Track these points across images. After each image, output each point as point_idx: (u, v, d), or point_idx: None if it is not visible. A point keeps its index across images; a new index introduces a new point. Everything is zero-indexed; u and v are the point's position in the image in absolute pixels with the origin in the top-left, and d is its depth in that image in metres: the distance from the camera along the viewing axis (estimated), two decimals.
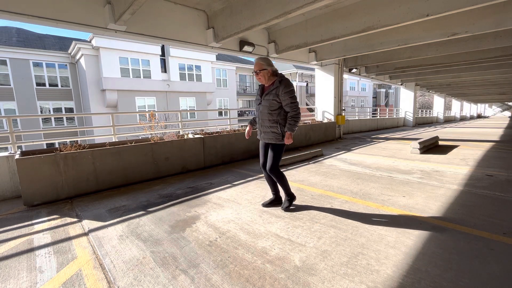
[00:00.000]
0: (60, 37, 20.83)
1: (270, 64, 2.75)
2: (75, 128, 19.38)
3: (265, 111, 2.75)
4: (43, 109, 17.81)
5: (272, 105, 2.70)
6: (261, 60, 2.75)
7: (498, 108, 54.73)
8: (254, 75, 2.80)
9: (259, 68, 2.72)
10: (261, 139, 2.95)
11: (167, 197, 3.60)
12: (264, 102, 2.76)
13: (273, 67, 2.76)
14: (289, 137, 2.69)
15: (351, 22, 5.66)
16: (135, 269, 1.96)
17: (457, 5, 4.39)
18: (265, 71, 2.72)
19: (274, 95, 2.68)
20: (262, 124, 2.82)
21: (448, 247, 2.14)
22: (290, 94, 2.66)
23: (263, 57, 2.77)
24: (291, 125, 2.69)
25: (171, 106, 19.29)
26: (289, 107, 2.69)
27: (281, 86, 2.66)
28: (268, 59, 2.80)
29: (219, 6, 5.48)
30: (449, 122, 24.79)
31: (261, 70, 2.72)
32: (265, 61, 2.74)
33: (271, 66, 2.74)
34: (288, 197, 3.02)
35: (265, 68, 2.72)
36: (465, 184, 3.86)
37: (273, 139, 2.78)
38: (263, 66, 2.72)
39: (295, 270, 1.89)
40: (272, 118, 2.73)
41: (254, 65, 2.76)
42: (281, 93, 2.65)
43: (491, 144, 8.21)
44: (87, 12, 4.40)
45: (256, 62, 2.75)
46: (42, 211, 3.24)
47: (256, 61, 2.76)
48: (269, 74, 2.74)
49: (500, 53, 8.48)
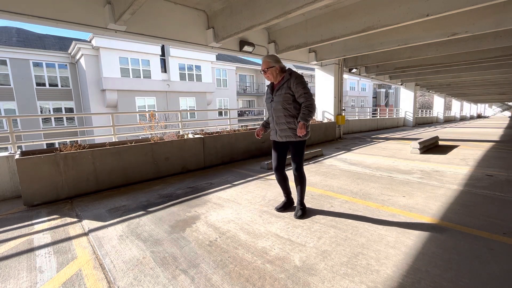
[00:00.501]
0: (60, 37, 20.84)
1: (277, 60, 2.66)
2: (75, 128, 19.38)
3: (279, 106, 2.63)
4: (43, 109, 17.82)
5: (286, 98, 2.59)
6: (268, 58, 2.67)
7: (498, 108, 54.74)
8: (262, 74, 2.71)
9: (267, 66, 2.64)
10: (278, 139, 2.77)
11: (167, 197, 3.60)
12: (277, 98, 2.64)
13: (281, 64, 2.68)
14: (302, 127, 2.47)
15: (351, 22, 5.66)
16: (135, 269, 1.96)
17: (457, 5, 4.39)
18: (272, 68, 2.64)
19: (286, 88, 2.59)
20: (278, 121, 2.69)
21: (448, 247, 2.14)
22: (302, 85, 2.57)
23: (270, 55, 2.69)
24: (305, 114, 2.52)
25: (171, 106, 19.30)
26: (303, 97, 2.57)
27: (292, 78, 2.58)
28: (275, 56, 2.71)
29: (219, 6, 5.48)
30: (449, 122, 24.78)
31: (269, 68, 2.64)
32: (272, 58, 2.65)
33: (278, 63, 2.66)
34: (301, 205, 2.86)
35: (272, 66, 2.63)
36: (465, 184, 3.86)
37: (293, 135, 2.64)
38: (271, 64, 2.64)
39: (295, 270, 1.89)
40: (288, 113, 2.61)
41: (262, 63, 2.68)
42: (292, 84, 2.56)
43: (491, 144, 8.21)
44: (87, 12, 4.40)
45: (264, 60, 2.67)
46: (42, 211, 3.24)
47: (264, 59, 2.68)
48: (278, 71, 2.66)
49: (500, 53, 8.48)
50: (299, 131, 2.47)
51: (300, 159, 2.72)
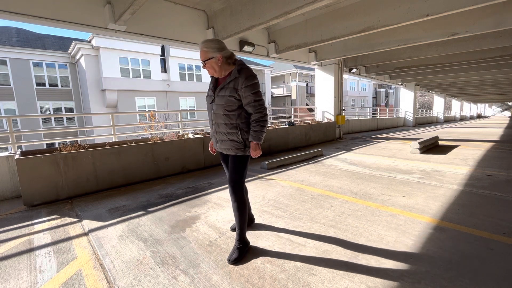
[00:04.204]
0: (60, 37, 20.82)
1: (220, 48, 1.91)
2: (75, 128, 19.36)
3: (219, 111, 1.97)
4: (43, 109, 17.81)
5: (229, 103, 1.93)
6: (206, 44, 1.90)
7: (498, 108, 54.72)
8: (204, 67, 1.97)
9: (205, 58, 1.91)
10: (217, 149, 2.18)
11: (167, 197, 3.60)
12: (218, 100, 1.96)
13: (225, 52, 1.93)
14: (256, 148, 1.98)
15: (351, 22, 5.66)
16: (135, 269, 1.96)
17: (457, 5, 4.39)
18: (212, 60, 1.91)
19: (232, 89, 1.91)
20: (217, 130, 2.05)
21: (448, 247, 2.14)
22: (252, 89, 1.90)
23: (210, 40, 1.93)
24: (257, 132, 1.95)
25: (171, 106, 19.29)
26: (252, 108, 1.94)
27: (240, 78, 1.89)
28: (218, 41, 1.93)
29: (219, 6, 5.48)
30: (449, 122, 24.78)
31: (207, 59, 1.91)
32: (211, 46, 1.90)
33: (221, 51, 1.91)
34: (239, 242, 2.08)
35: (211, 57, 1.90)
36: (465, 184, 3.86)
37: (232, 149, 2.03)
38: (209, 54, 1.90)
39: (295, 270, 1.89)
40: (230, 121, 1.97)
41: (199, 52, 1.95)
42: (240, 87, 1.89)
43: (491, 144, 8.21)
44: (87, 12, 4.40)
45: (201, 49, 1.92)
46: (42, 211, 3.24)
47: (200, 47, 1.92)
48: (221, 63, 1.93)
49: (500, 53, 8.48)
50: (253, 153, 2.00)
51: (240, 177, 2.06)
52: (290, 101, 28.89)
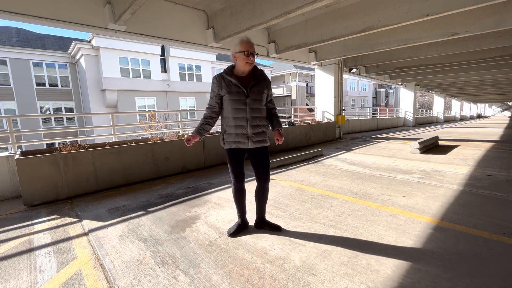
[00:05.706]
0: (60, 37, 20.81)
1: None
2: (75, 128, 19.35)
3: (257, 105, 2.19)
4: (43, 109, 17.81)
5: (264, 98, 2.25)
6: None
7: (498, 108, 54.71)
8: (247, 59, 2.18)
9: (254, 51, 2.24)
10: (247, 145, 2.23)
11: (167, 197, 3.60)
12: (255, 95, 2.17)
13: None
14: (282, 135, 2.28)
15: (351, 22, 5.66)
16: (135, 269, 1.96)
17: (457, 5, 4.39)
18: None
19: (263, 87, 2.22)
20: (253, 123, 2.19)
21: (448, 247, 2.14)
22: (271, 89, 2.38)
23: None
24: (280, 121, 2.36)
25: (171, 106, 19.28)
26: (272, 103, 2.36)
27: (267, 79, 2.28)
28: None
29: (219, 6, 5.47)
30: (449, 122, 24.78)
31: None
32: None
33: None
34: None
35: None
36: (465, 184, 3.86)
37: (266, 140, 2.33)
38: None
39: (295, 270, 1.89)
40: (264, 114, 2.28)
41: (250, 46, 2.18)
42: (268, 86, 2.29)
43: (491, 144, 8.21)
44: (87, 12, 4.40)
45: (252, 43, 2.20)
46: (42, 211, 3.24)
47: (251, 42, 2.21)
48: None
49: (500, 53, 8.48)
50: (282, 139, 2.23)
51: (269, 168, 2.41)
52: (290, 101, 28.90)
